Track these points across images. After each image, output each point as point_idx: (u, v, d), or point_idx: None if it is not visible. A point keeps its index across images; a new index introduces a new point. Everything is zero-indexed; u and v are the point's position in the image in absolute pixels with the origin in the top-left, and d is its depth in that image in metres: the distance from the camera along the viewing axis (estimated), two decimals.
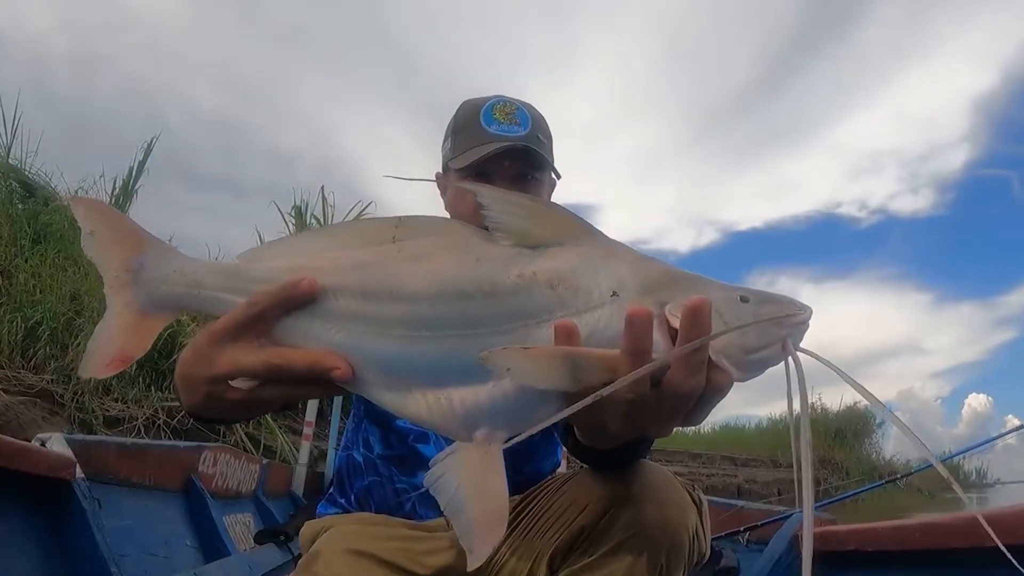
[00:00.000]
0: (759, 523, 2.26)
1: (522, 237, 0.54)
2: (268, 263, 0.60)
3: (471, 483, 0.52)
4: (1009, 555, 0.53)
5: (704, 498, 0.96)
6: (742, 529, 2.26)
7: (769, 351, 0.51)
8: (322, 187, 7.49)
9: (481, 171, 1.10)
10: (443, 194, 1.23)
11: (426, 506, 1.02)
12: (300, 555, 1.01)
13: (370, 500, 1.08)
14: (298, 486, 3.55)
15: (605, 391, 0.46)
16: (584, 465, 0.98)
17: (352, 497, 1.10)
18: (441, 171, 1.23)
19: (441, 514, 0.99)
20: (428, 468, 1.02)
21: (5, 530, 1.39)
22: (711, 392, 0.52)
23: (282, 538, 2.59)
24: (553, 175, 1.20)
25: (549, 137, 1.18)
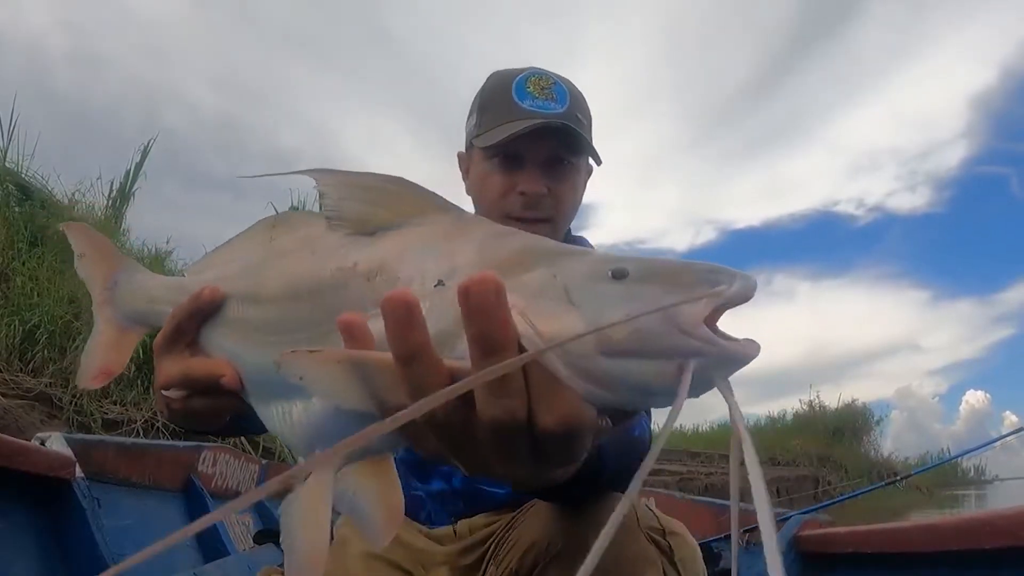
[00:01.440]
0: (758, 524, 2.26)
1: (360, 223, 0.46)
2: (204, 274, 0.60)
3: (301, 514, 0.45)
4: None
5: (688, 542, 0.83)
6: (742, 530, 2.26)
7: (650, 366, 0.34)
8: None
9: (510, 151, 0.99)
10: (465, 177, 1.11)
11: (443, 513, 1.00)
12: None
13: None
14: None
15: (405, 413, 0.28)
16: None
17: None
18: (464, 150, 1.11)
19: (452, 522, 0.98)
20: (442, 475, 1.00)
21: (5, 529, 1.40)
22: (553, 425, 0.35)
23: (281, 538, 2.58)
24: (592, 161, 1.08)
25: (589, 117, 1.06)
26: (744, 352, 0.34)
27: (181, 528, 0.21)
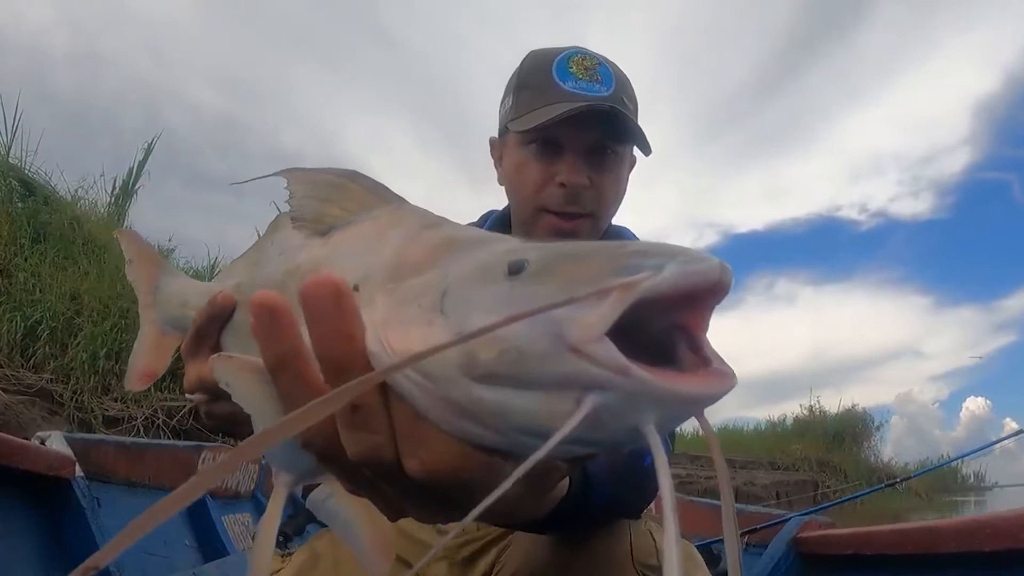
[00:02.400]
0: (758, 526, 2.26)
1: (316, 222, 0.43)
2: (228, 279, 0.60)
3: (261, 528, 0.44)
4: None
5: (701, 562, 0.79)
6: (741, 532, 2.26)
7: (534, 399, 0.25)
8: None
9: (549, 138, 0.90)
10: (497, 165, 1.02)
11: None
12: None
13: None
14: (297, 487, 3.55)
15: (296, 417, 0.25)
16: None
17: None
18: (497, 136, 1.02)
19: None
20: None
21: (4, 528, 1.40)
22: (417, 469, 0.30)
23: (281, 538, 2.59)
24: (640, 151, 0.98)
25: (635, 103, 0.96)
26: (690, 391, 0.24)
27: (180, 528, 0.20)
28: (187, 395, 0.59)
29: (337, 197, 0.42)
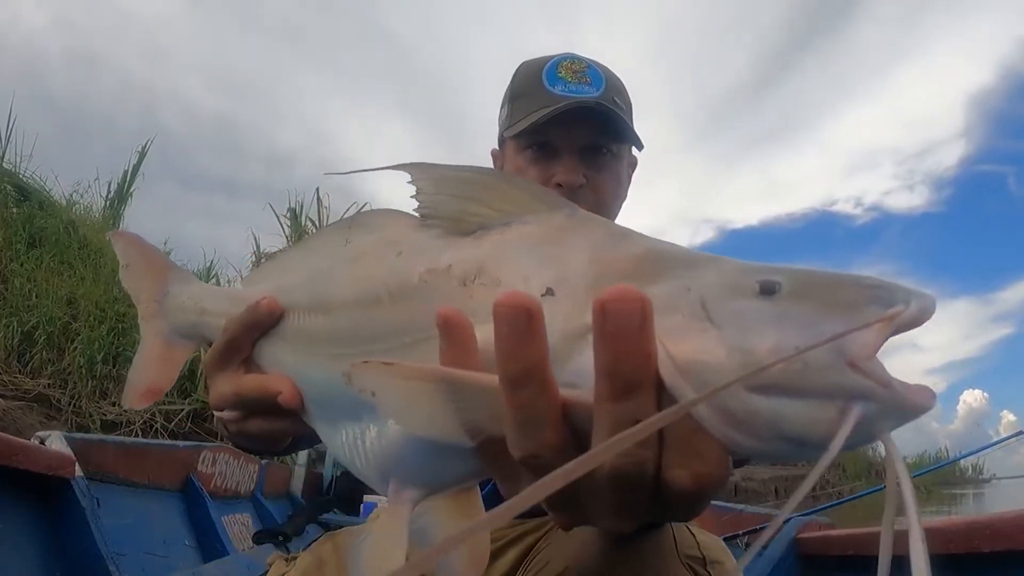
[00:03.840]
0: (759, 527, 2.27)
1: (456, 221, 0.40)
2: (261, 285, 0.56)
3: (373, 551, 0.40)
4: None
5: (728, 570, 0.75)
6: (741, 533, 2.27)
7: (806, 408, 0.27)
8: (317, 189, 7.48)
9: (544, 141, 0.92)
10: None
11: None
12: (309, 545, 1.00)
13: None
14: (296, 487, 3.55)
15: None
16: None
17: None
18: (497, 147, 1.04)
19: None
20: None
21: (4, 528, 1.40)
22: (687, 481, 0.29)
23: (280, 538, 2.58)
24: (635, 149, 0.99)
25: (628, 103, 0.97)
26: (921, 402, 0.27)
27: (180, 528, 0.20)
28: (215, 412, 0.54)
29: (485, 196, 0.40)
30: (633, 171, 1.04)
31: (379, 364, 0.33)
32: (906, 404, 0.27)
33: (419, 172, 0.41)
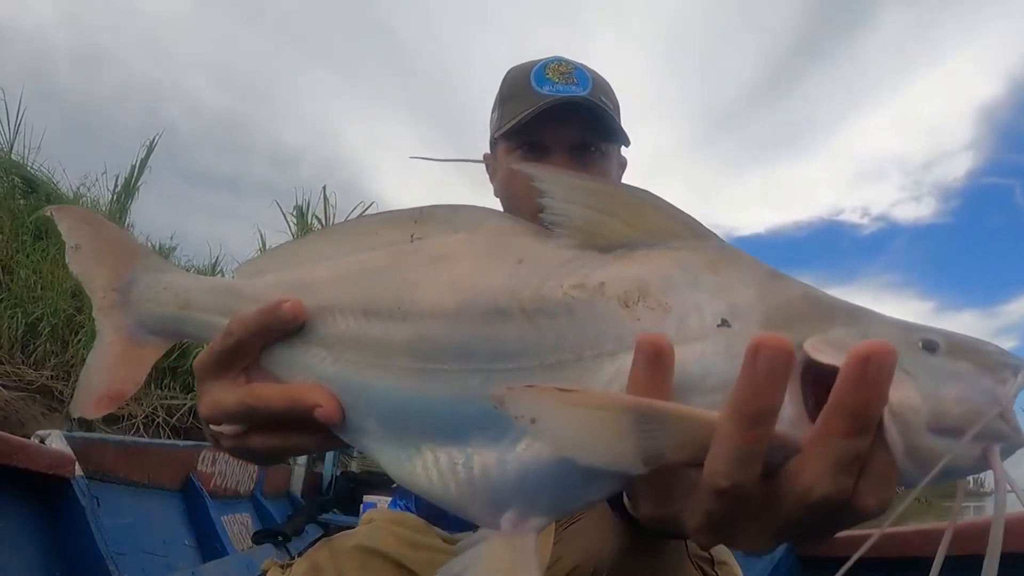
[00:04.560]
0: None
1: (592, 234, 0.38)
2: (266, 278, 0.49)
3: None
4: None
5: (734, 572, 0.79)
6: None
7: (961, 447, 0.31)
8: (324, 187, 7.49)
9: (534, 141, 0.94)
10: (492, 179, 1.05)
11: (465, 522, 0.97)
12: (303, 552, 0.99)
13: (421, 503, 1.00)
14: (296, 487, 3.55)
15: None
16: None
17: (410, 503, 1.03)
18: (489, 151, 1.05)
19: (474, 528, 0.97)
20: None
21: (4, 527, 1.39)
22: (874, 505, 0.33)
23: (280, 538, 2.58)
24: (622, 150, 1.00)
25: (616, 103, 0.98)
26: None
27: (180, 528, 0.20)
28: (207, 423, 0.47)
29: (622, 212, 0.38)
30: (623, 171, 1.05)
31: (550, 390, 0.31)
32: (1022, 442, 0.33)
33: (545, 175, 0.39)
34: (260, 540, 2.52)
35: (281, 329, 0.45)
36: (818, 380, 0.32)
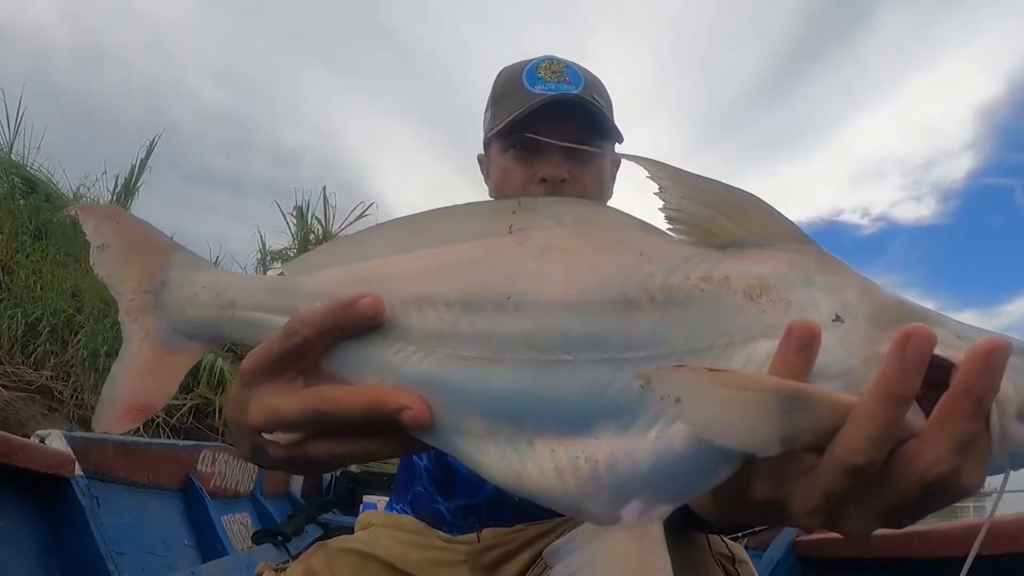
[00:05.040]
0: (758, 529, 2.26)
1: (707, 232, 0.39)
2: (325, 273, 0.45)
3: None
4: None
5: (739, 570, 0.79)
6: (740, 535, 2.26)
7: None
8: (323, 188, 7.50)
9: (526, 141, 0.94)
10: (486, 180, 1.05)
11: (465, 524, 0.96)
12: (298, 555, 0.99)
13: (418, 508, 1.00)
14: (296, 487, 3.54)
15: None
16: None
17: (406, 506, 1.02)
18: (483, 152, 1.06)
19: (476, 530, 0.93)
20: (467, 491, 0.95)
21: (3, 527, 1.39)
22: (974, 483, 0.35)
23: (280, 538, 2.59)
24: (616, 148, 1.01)
25: (608, 102, 0.99)
26: None
27: (179, 527, 0.20)
28: (257, 433, 0.44)
29: (734, 213, 0.40)
30: (617, 169, 1.06)
31: (701, 371, 0.33)
32: None
33: (659, 170, 0.40)
34: (260, 540, 2.52)
35: (356, 326, 0.41)
36: None
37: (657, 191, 0.40)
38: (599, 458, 0.37)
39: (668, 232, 0.40)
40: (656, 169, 0.40)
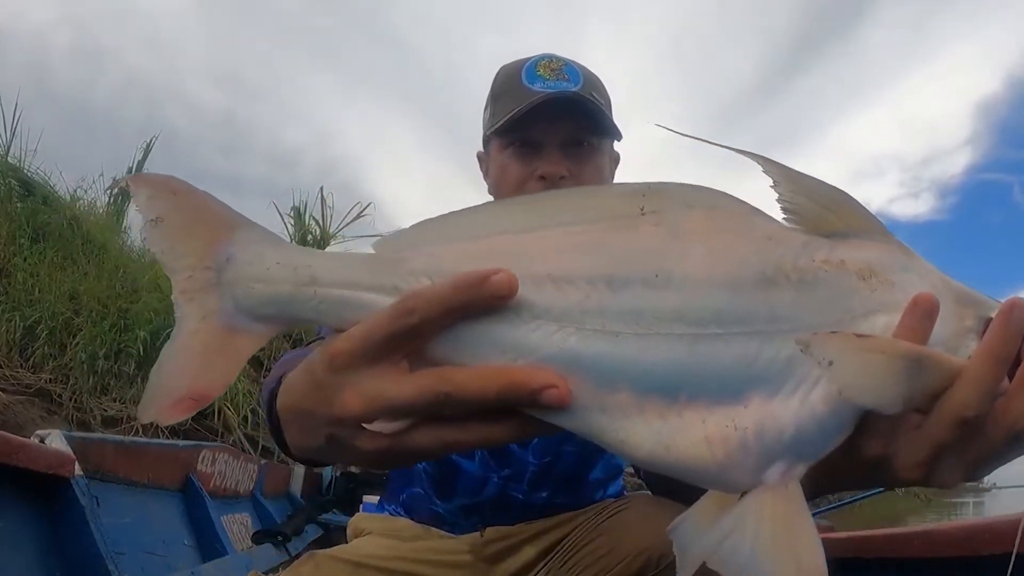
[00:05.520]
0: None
1: (815, 223, 0.43)
2: (430, 250, 0.43)
3: (774, 539, 0.38)
4: None
5: None
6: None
7: None
8: (321, 188, 7.50)
9: (526, 138, 0.95)
10: (485, 176, 1.07)
11: (467, 524, 0.96)
12: (297, 555, 0.99)
13: (414, 510, 1.00)
14: (296, 487, 3.55)
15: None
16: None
17: (399, 507, 1.02)
18: (482, 149, 1.08)
19: (479, 529, 0.94)
20: (468, 491, 0.96)
21: (3, 527, 1.39)
22: None
23: (279, 538, 2.59)
24: (615, 145, 1.03)
25: (607, 98, 1.01)
26: None
27: (180, 527, 0.20)
28: (360, 424, 0.41)
29: (837, 209, 0.44)
30: (616, 166, 1.07)
31: (850, 336, 0.37)
32: None
33: (772, 167, 0.43)
34: (260, 540, 2.52)
35: (485, 304, 0.39)
36: None
37: (772, 184, 0.43)
38: (747, 425, 0.39)
39: (782, 221, 0.44)
40: (770, 166, 0.43)
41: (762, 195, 0.44)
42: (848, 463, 0.42)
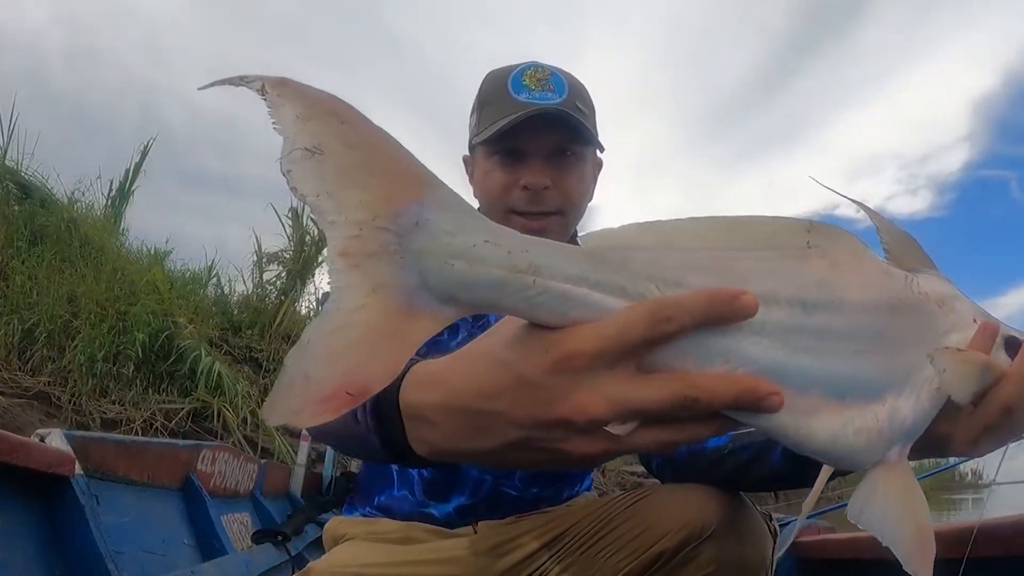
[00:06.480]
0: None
1: (898, 259, 0.56)
2: (650, 255, 0.42)
3: (899, 505, 0.51)
4: None
5: (778, 528, 0.89)
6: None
7: None
8: None
9: (511, 146, 0.99)
10: (470, 181, 1.11)
11: (461, 522, 0.97)
12: (297, 555, 1.00)
13: (394, 512, 1.00)
14: (296, 487, 3.55)
15: None
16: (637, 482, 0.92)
17: (374, 510, 1.02)
18: (468, 154, 1.12)
19: (471, 523, 0.96)
20: (465, 491, 0.98)
21: (3, 526, 1.40)
22: None
23: (279, 538, 2.59)
24: (598, 152, 1.08)
25: (591, 108, 1.04)
26: None
27: (179, 527, 0.20)
28: (603, 426, 0.40)
29: (908, 249, 0.56)
30: (599, 172, 1.11)
31: (955, 350, 0.51)
32: None
33: (872, 214, 0.57)
34: (260, 540, 2.52)
35: (731, 319, 0.40)
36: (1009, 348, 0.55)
37: (877, 230, 0.56)
38: (884, 418, 0.50)
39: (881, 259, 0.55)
40: (871, 213, 0.57)
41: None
42: (922, 440, 0.52)
